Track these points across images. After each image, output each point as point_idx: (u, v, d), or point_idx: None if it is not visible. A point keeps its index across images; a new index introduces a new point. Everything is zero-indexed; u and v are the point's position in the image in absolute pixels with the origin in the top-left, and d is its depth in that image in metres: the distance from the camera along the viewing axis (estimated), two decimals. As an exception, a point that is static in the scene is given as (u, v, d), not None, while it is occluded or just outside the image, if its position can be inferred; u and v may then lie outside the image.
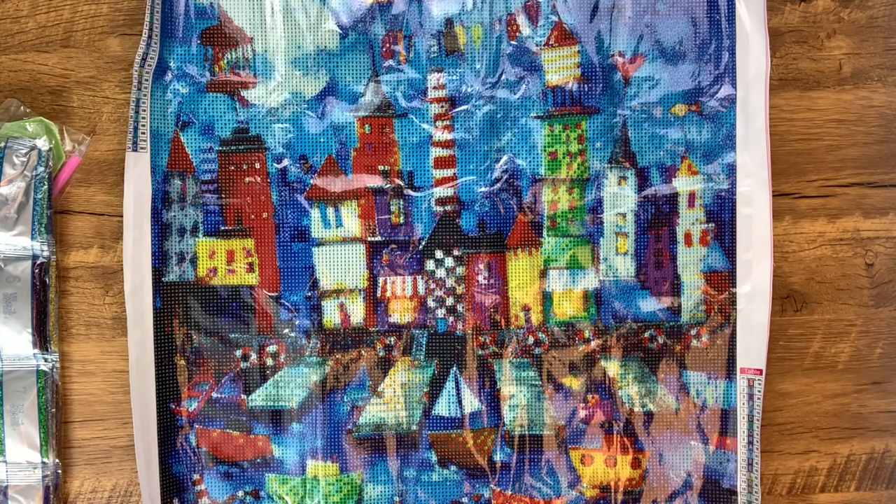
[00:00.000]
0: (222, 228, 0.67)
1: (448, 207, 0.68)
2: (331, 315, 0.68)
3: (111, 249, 0.68)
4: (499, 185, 0.68)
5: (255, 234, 0.67)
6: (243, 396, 0.67)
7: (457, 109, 0.67)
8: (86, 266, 0.68)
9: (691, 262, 0.68)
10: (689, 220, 0.68)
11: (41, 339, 0.65)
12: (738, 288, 0.68)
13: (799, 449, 0.70)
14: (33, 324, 0.65)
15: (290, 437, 0.67)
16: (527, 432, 0.68)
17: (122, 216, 0.66)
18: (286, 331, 0.67)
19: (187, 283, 0.67)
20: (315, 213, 0.68)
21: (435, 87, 0.67)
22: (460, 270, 0.68)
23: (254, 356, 0.67)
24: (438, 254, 0.68)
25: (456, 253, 0.68)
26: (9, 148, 0.65)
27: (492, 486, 0.68)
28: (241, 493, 0.67)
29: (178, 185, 0.67)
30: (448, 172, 0.68)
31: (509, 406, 0.68)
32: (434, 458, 0.68)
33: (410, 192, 0.68)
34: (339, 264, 0.68)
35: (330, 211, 0.68)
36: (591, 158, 0.68)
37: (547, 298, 0.68)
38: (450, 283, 0.68)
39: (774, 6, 0.69)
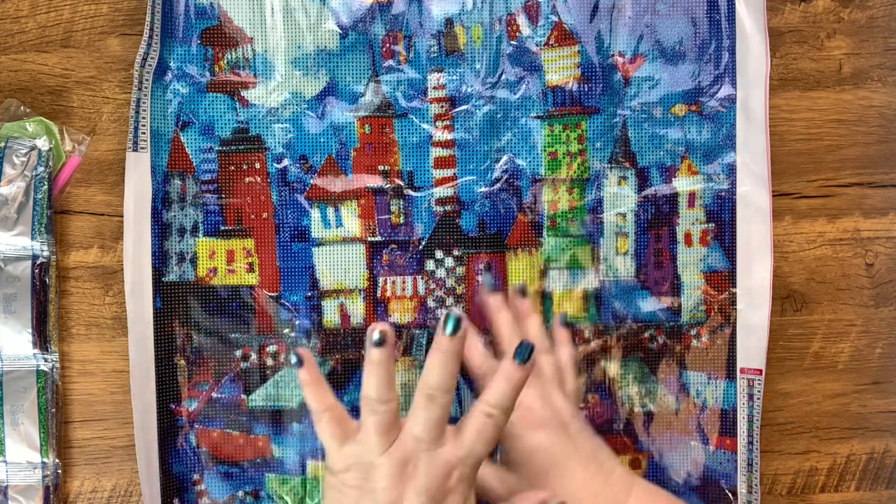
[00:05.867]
0: (222, 228, 0.67)
1: (448, 207, 0.68)
2: (331, 315, 0.68)
3: (111, 249, 0.68)
4: (499, 185, 0.68)
5: (255, 234, 0.67)
6: (243, 396, 0.67)
7: (457, 109, 0.67)
8: (86, 266, 0.68)
9: (691, 262, 0.68)
10: (689, 220, 0.68)
11: (41, 339, 0.65)
12: (738, 288, 0.68)
13: (799, 449, 0.70)
14: (33, 324, 0.65)
15: (290, 437, 0.67)
16: (527, 432, 0.68)
17: (122, 216, 0.66)
18: (286, 331, 0.67)
19: (187, 283, 0.67)
20: (315, 213, 0.68)
21: (435, 87, 0.67)
22: (460, 270, 0.68)
23: (254, 356, 0.67)
24: (438, 254, 0.68)
25: (456, 253, 0.68)
26: (9, 148, 0.65)
27: (492, 486, 0.68)
28: (241, 493, 0.67)
29: (178, 185, 0.67)
30: (448, 172, 0.68)
31: (509, 406, 0.68)
32: (434, 458, 0.68)
33: (410, 192, 0.68)
34: (339, 264, 0.68)
35: (330, 211, 0.68)
36: (591, 158, 0.68)
37: (547, 298, 0.68)
38: (450, 283, 0.68)
39: (774, 6, 0.69)
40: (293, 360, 0.56)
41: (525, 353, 0.52)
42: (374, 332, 0.53)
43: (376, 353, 0.53)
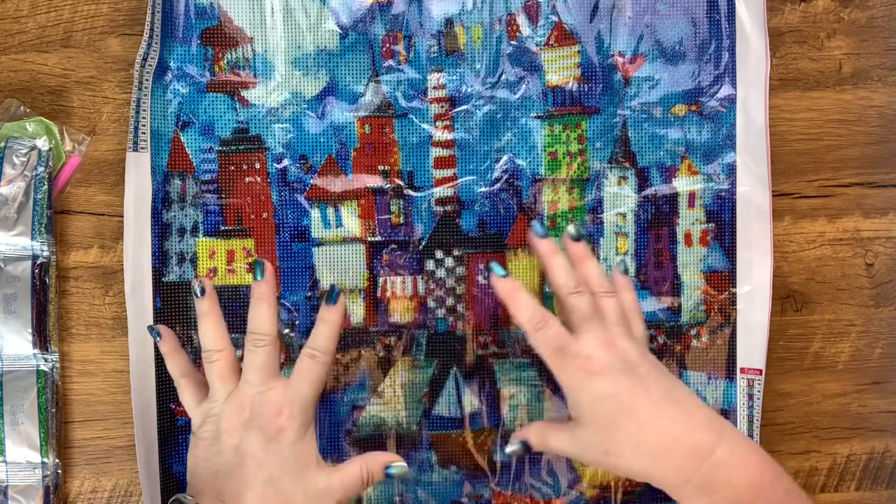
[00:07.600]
0: (222, 228, 0.67)
1: (448, 207, 0.68)
2: (331, 315, 0.68)
3: (111, 249, 0.68)
4: (499, 185, 0.68)
5: (255, 234, 0.67)
6: (243, 396, 0.67)
7: (457, 109, 0.67)
8: (86, 266, 0.68)
9: (691, 262, 0.68)
10: (689, 220, 0.68)
11: (41, 339, 0.65)
12: (738, 288, 0.68)
13: (799, 449, 0.70)
14: (33, 324, 0.65)
15: (290, 437, 0.67)
16: (527, 432, 0.68)
17: (122, 216, 0.66)
18: (286, 331, 0.67)
19: (187, 284, 0.67)
20: (315, 213, 0.68)
21: (435, 87, 0.67)
22: (460, 270, 0.68)
23: (254, 356, 0.67)
24: (438, 254, 0.68)
25: (456, 253, 0.68)
26: (9, 148, 0.65)
27: (492, 486, 0.68)
28: (241, 493, 0.67)
29: (178, 185, 0.67)
30: (448, 172, 0.68)
31: (509, 406, 0.68)
32: (434, 458, 0.68)
33: (410, 192, 0.68)
34: (339, 264, 0.68)
35: (330, 211, 0.68)
36: (591, 158, 0.68)
37: (547, 298, 0.68)
38: (450, 283, 0.68)
39: (774, 6, 0.69)
40: (154, 334, 0.60)
41: (334, 295, 0.57)
42: (195, 285, 0.58)
43: (203, 304, 0.58)
